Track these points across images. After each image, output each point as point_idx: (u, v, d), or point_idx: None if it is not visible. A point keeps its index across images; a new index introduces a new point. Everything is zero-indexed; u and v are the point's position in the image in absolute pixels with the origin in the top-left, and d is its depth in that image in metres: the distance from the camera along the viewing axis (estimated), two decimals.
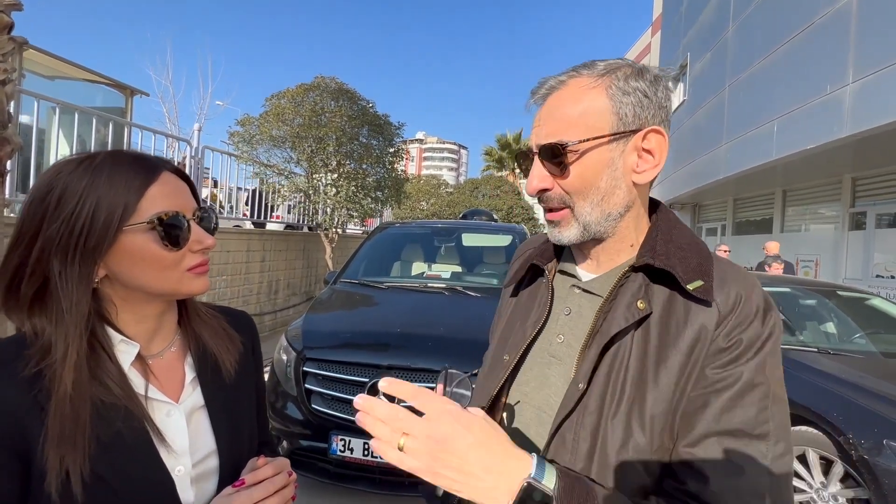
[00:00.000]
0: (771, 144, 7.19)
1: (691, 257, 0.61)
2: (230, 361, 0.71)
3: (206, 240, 0.63)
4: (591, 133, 0.59)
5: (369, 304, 3.22)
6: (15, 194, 3.58)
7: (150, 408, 0.61)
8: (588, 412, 0.58)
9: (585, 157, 0.60)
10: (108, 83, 6.12)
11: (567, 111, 0.60)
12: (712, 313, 0.57)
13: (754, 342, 0.56)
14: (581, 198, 0.61)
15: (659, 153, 0.60)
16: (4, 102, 2.34)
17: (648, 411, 0.56)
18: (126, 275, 0.59)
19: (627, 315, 0.59)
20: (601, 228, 0.63)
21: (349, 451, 2.20)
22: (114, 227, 0.56)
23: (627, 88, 0.59)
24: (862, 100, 5.37)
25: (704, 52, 10.68)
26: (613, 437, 0.56)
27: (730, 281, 0.60)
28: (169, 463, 0.60)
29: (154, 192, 0.58)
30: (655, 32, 18.27)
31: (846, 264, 7.43)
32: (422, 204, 21.20)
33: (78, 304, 0.56)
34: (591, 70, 0.61)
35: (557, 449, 0.59)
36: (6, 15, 2.27)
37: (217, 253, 5.26)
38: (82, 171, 0.57)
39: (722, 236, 11.77)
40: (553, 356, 0.66)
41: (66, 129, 4.53)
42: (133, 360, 0.61)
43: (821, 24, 6.29)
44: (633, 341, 0.59)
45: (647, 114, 0.60)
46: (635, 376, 0.58)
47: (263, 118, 6.86)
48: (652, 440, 0.55)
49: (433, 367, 2.32)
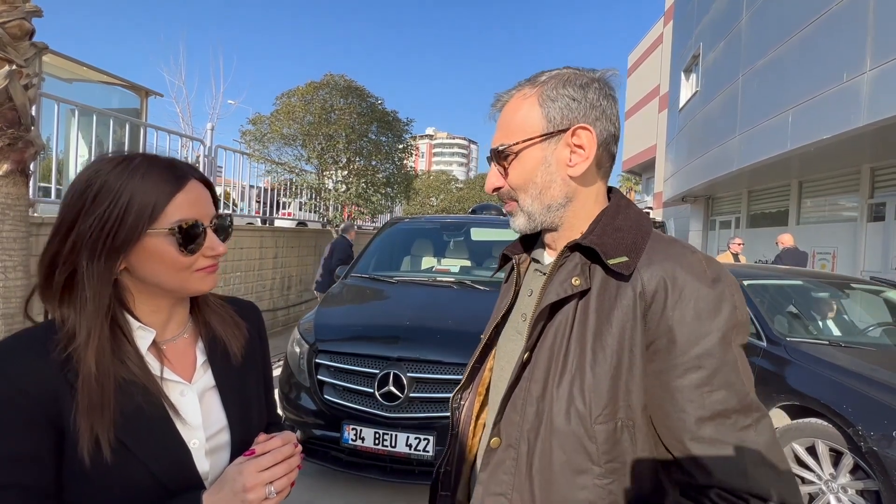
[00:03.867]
0: (786, 135, 7.05)
1: (626, 237, 0.66)
2: (237, 346, 0.76)
3: (218, 248, 0.68)
4: (524, 136, 0.68)
5: (380, 297, 3.28)
6: (37, 195, 3.71)
7: (165, 388, 0.66)
8: (534, 380, 0.65)
9: (521, 156, 0.69)
10: (124, 85, 6.26)
11: (508, 119, 0.71)
12: (637, 290, 0.61)
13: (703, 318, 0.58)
14: (522, 192, 0.70)
15: (588, 147, 0.67)
16: (27, 106, 2.43)
17: (588, 383, 0.60)
18: (143, 271, 0.64)
19: (559, 290, 0.65)
20: (546, 218, 0.70)
21: (360, 441, 2.26)
22: (140, 229, 0.61)
23: (555, 95, 0.68)
24: (880, 88, 5.24)
25: (717, 41, 10.48)
26: (558, 405, 0.62)
27: (659, 259, 0.62)
28: (185, 436, 0.65)
29: (180, 199, 0.64)
30: (668, 22, 17.93)
31: (865, 256, 7.27)
32: (431, 200, 21.23)
33: (100, 295, 0.62)
34: (531, 83, 0.70)
35: (509, 411, 0.66)
36: (27, 21, 2.36)
37: (232, 250, 5.37)
38: (119, 171, 0.62)
39: (736, 229, 11.59)
40: (518, 333, 0.74)
41: (84, 131, 4.66)
42: (149, 345, 0.67)
43: (837, 11, 6.13)
44: (574, 315, 0.64)
45: (577, 114, 0.67)
46: (576, 349, 0.63)
47: (274, 116, 6.95)
48: (591, 410, 0.60)
49: (442, 359, 2.37)
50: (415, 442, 2.22)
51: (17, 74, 2.29)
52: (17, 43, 2.35)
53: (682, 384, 0.58)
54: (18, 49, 2.34)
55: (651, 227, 0.69)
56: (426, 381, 2.34)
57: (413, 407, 2.31)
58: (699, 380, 0.57)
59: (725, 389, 0.57)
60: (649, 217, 0.72)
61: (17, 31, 2.32)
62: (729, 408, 0.56)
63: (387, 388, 2.31)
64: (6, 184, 2.31)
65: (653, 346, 0.60)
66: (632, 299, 0.61)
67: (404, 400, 2.29)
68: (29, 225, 2.55)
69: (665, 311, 0.59)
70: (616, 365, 0.60)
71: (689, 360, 0.57)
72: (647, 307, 0.60)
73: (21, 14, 2.30)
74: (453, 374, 2.35)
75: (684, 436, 0.57)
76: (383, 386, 2.32)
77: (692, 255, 0.64)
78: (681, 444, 0.58)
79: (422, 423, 2.27)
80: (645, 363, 0.60)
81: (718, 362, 0.57)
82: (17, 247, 2.40)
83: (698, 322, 0.58)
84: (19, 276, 2.41)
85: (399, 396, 2.29)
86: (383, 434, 2.25)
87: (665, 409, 0.59)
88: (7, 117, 2.28)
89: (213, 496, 0.62)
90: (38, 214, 3.51)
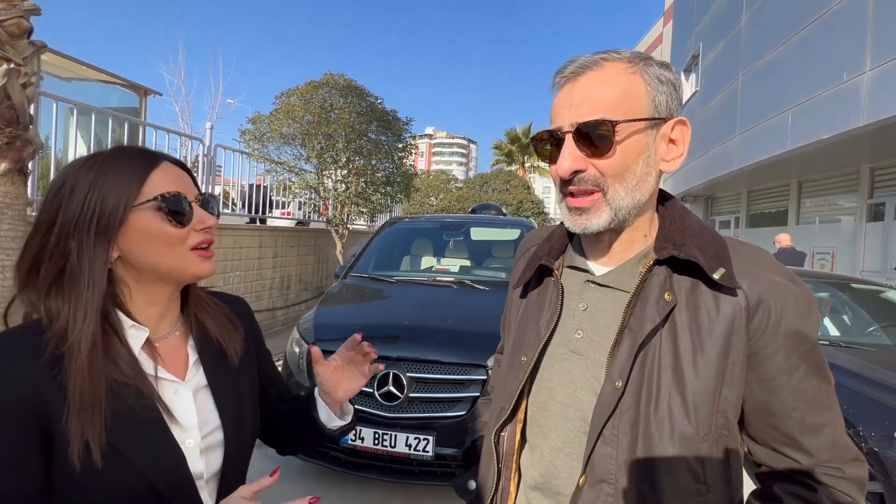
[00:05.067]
0: (785, 135, 7.06)
1: (707, 245, 0.62)
2: (230, 344, 0.75)
3: (207, 219, 0.67)
4: (633, 115, 0.58)
5: (379, 297, 3.27)
6: (36, 193, 3.70)
7: (159, 387, 0.65)
8: (625, 408, 0.59)
9: (628, 139, 0.59)
10: (123, 84, 6.24)
11: (606, 91, 0.59)
12: (741, 301, 0.59)
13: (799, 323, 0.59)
14: (618, 181, 0.60)
15: (683, 143, 0.62)
16: (26, 104, 2.42)
17: (691, 401, 0.57)
18: (136, 252, 0.63)
19: (658, 310, 0.60)
20: (629, 216, 0.62)
21: (360, 441, 2.25)
22: (122, 207, 0.61)
23: (662, 77, 0.60)
24: (880, 88, 5.24)
25: (717, 41, 10.49)
26: (658, 429, 0.58)
27: (747, 266, 0.60)
28: (179, 437, 0.64)
29: (156, 177, 0.64)
30: (667, 22, 17.94)
31: (864, 256, 7.28)
32: (431, 199, 21.22)
33: (95, 282, 0.60)
34: (621, 56, 0.61)
35: (601, 446, 0.60)
36: (25, 20, 2.35)
37: (230, 249, 5.36)
38: (90, 166, 0.63)
39: (735, 229, 11.60)
40: (573, 352, 0.66)
41: (83, 130, 4.65)
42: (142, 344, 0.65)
43: (837, 10, 6.14)
44: (661, 334, 0.60)
45: (674, 105, 0.62)
46: (671, 368, 0.58)
47: (274, 116, 6.93)
48: (698, 428, 0.57)
49: (442, 359, 2.37)
50: (414, 442, 2.22)
51: (16, 73, 2.28)
52: (16, 41, 2.34)
53: (790, 384, 0.59)
54: (16, 47, 2.33)
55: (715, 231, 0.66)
56: (426, 381, 2.33)
57: (413, 407, 2.31)
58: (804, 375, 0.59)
59: (821, 379, 0.60)
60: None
61: (15, 30, 2.31)
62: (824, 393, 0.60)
63: (386, 388, 2.30)
64: (4, 182, 2.30)
65: (757, 356, 0.59)
66: (732, 311, 0.58)
67: (404, 400, 2.28)
68: (27, 224, 2.54)
69: (770, 320, 0.58)
70: (717, 381, 0.58)
71: (794, 361, 0.59)
72: (749, 317, 0.58)
73: (19, 12, 2.29)
74: (453, 374, 2.34)
75: (794, 429, 0.59)
76: (383, 386, 2.31)
77: (771, 258, 0.64)
78: (787, 437, 0.60)
79: (421, 423, 2.26)
80: (746, 372, 0.60)
81: (818, 356, 0.60)
82: (16, 246, 2.39)
83: (801, 323, 0.59)
84: None
85: (399, 396, 2.28)
86: (383, 434, 2.24)
87: (771, 409, 0.60)
88: (5, 116, 2.27)
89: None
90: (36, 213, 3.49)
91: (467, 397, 2.31)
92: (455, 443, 2.23)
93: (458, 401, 2.31)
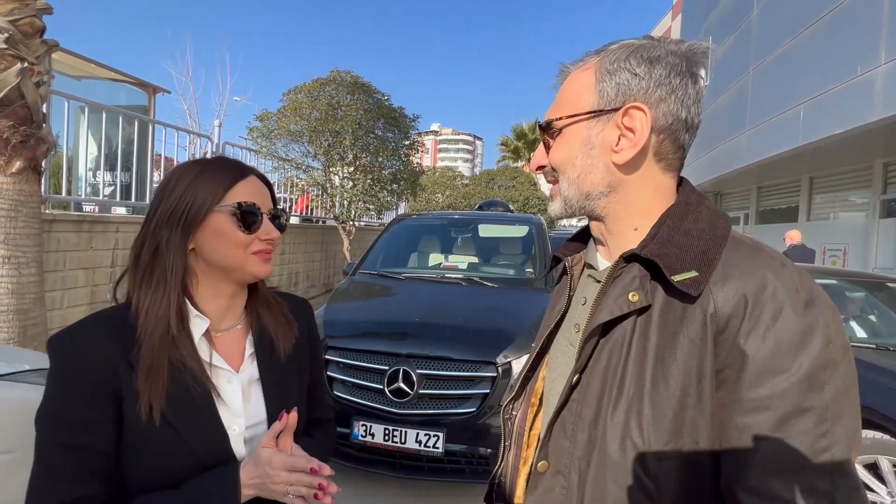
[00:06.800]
0: (797, 130, 6.96)
1: (696, 244, 0.55)
2: (285, 343, 0.82)
3: (272, 232, 0.77)
4: (571, 111, 0.61)
5: (388, 294, 3.28)
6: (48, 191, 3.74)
7: (213, 374, 0.72)
8: (586, 403, 0.57)
9: (564, 134, 0.62)
10: (132, 82, 6.28)
11: (562, 92, 0.65)
12: (708, 312, 0.50)
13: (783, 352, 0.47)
14: (562, 174, 0.64)
15: (639, 131, 0.57)
16: (39, 103, 2.44)
17: (646, 414, 0.52)
18: (207, 247, 0.73)
19: (613, 307, 0.56)
20: (584, 206, 0.63)
21: (370, 437, 2.27)
22: (206, 206, 0.72)
23: (615, 67, 0.58)
24: (895, 81, 5.15)
25: (727, 35, 10.35)
26: (612, 434, 0.54)
27: (738, 274, 0.51)
28: (226, 421, 0.71)
29: (241, 187, 0.74)
30: (676, 16, 17.74)
31: (876, 253, 7.18)
32: (437, 196, 21.20)
33: (176, 268, 0.71)
34: (597, 52, 0.63)
35: (558, 434, 0.59)
36: (38, 19, 2.36)
37: None
38: (193, 168, 0.74)
39: (745, 226, 11.48)
40: (571, 344, 0.67)
41: (93, 128, 4.69)
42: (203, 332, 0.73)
43: (851, 3, 6.03)
44: (633, 336, 0.55)
45: (636, 92, 0.57)
46: (634, 374, 0.54)
47: (281, 113, 6.95)
48: (649, 444, 0.52)
49: (451, 355, 2.37)
50: (424, 438, 2.23)
51: (29, 72, 2.30)
52: (29, 40, 2.36)
53: (744, 423, 0.48)
54: (30, 46, 2.35)
55: (728, 229, 0.57)
56: (436, 378, 2.34)
57: (422, 403, 2.31)
58: (766, 423, 0.47)
59: (797, 442, 0.46)
60: (726, 216, 0.60)
61: (28, 29, 2.33)
62: (799, 465, 0.46)
63: (396, 385, 2.31)
64: (19, 181, 2.32)
65: (722, 374, 0.50)
66: (701, 322, 0.51)
67: (414, 396, 2.29)
68: (41, 221, 2.57)
69: (738, 336, 0.49)
70: (681, 397, 0.51)
71: (757, 399, 0.47)
72: (719, 331, 0.50)
73: (32, 11, 2.31)
74: (463, 370, 2.35)
75: (736, 485, 0.48)
76: (393, 382, 2.32)
77: (782, 270, 0.51)
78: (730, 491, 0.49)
79: (431, 420, 2.27)
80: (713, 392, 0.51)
81: (793, 407, 0.46)
82: (31, 243, 2.42)
83: (777, 356, 0.47)
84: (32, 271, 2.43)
85: (409, 393, 2.29)
86: (393, 430, 2.25)
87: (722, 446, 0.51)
88: (19, 115, 2.29)
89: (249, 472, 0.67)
90: (49, 211, 3.54)
91: (477, 394, 2.31)
92: (465, 439, 2.24)
93: (467, 397, 2.31)
